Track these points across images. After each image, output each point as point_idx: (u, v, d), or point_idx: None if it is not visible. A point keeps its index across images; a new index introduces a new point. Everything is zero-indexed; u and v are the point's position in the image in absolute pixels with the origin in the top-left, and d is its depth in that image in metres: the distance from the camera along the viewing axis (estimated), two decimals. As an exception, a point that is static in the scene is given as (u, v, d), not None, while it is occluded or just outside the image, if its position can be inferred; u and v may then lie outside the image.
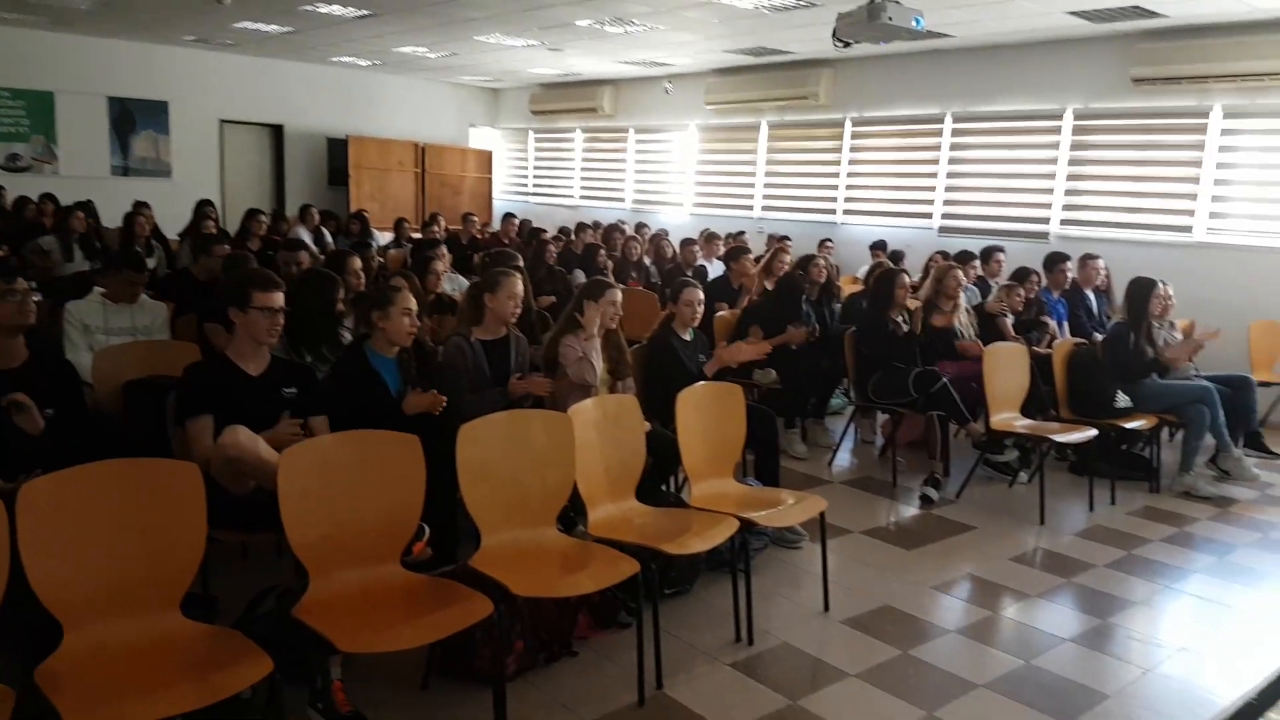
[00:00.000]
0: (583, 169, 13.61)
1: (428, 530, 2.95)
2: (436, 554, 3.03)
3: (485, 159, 14.63)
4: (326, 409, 3.29)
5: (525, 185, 14.64)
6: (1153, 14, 7.16)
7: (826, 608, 3.69)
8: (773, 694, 3.03)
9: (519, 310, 4.00)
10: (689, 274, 7.67)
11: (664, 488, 4.13)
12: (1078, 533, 4.78)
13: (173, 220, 9.05)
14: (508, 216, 10.44)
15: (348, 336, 4.03)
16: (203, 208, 8.47)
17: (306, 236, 8.59)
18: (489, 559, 2.89)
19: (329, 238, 9.15)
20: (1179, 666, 3.37)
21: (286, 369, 3.34)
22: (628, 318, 5.96)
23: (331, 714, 2.66)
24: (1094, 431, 5.10)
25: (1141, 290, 5.66)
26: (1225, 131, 7.53)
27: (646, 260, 8.34)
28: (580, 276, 7.20)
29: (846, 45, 5.14)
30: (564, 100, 13.26)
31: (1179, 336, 5.96)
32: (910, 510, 5.04)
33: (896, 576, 4.07)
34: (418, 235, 9.48)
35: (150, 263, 5.82)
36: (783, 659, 3.30)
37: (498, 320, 3.95)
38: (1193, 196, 7.71)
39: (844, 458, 6.03)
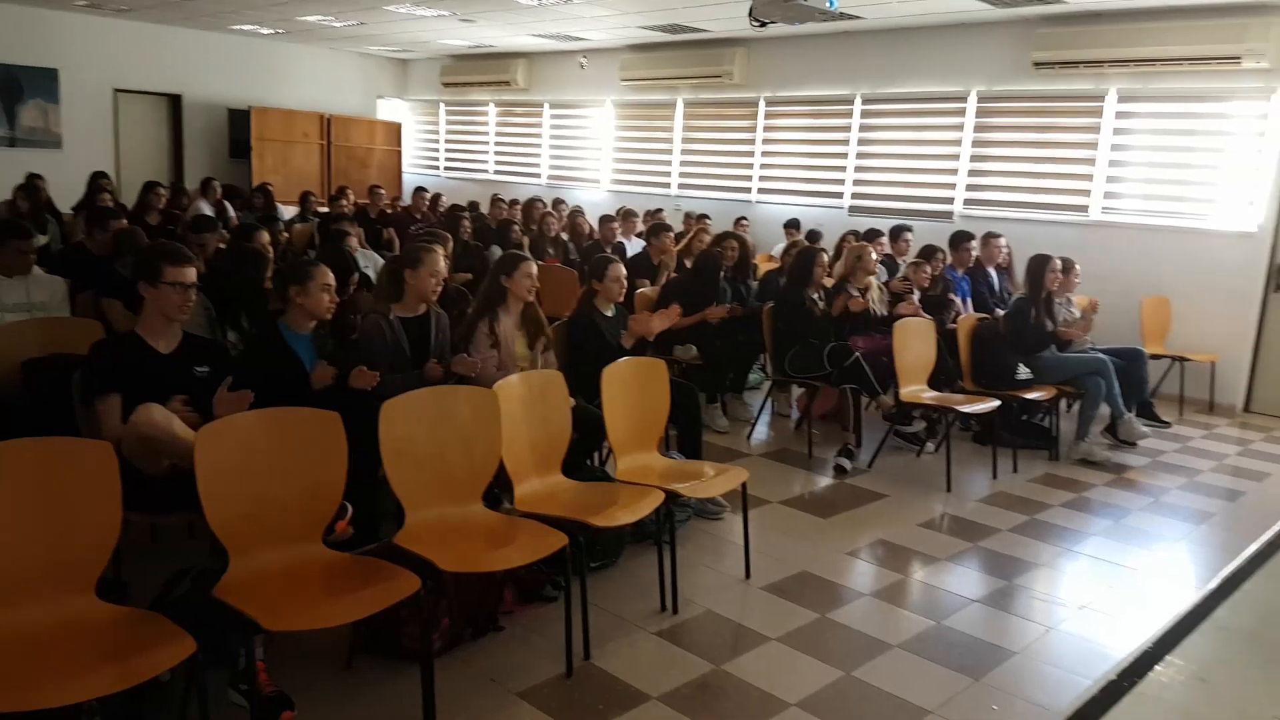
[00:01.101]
0: (497, 143, 13.43)
1: (350, 508, 2.90)
2: (359, 532, 2.99)
3: (394, 131, 14.29)
4: (240, 387, 3.19)
5: (436, 159, 14.37)
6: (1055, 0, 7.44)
7: (748, 575, 3.77)
8: (697, 660, 3.10)
9: (440, 287, 3.94)
10: (608, 251, 7.68)
11: (589, 462, 4.15)
12: (982, 499, 4.99)
13: (64, 193, 8.59)
14: (418, 190, 10.23)
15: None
16: (97, 180, 8.06)
17: (208, 211, 8.27)
18: (414, 536, 2.86)
19: (232, 212, 8.82)
20: (1079, 624, 3.56)
21: (199, 346, 3.23)
22: (546, 295, 5.95)
23: (254, 695, 2.61)
24: (997, 403, 5.32)
25: (1038, 267, 5.93)
26: (1120, 115, 7.87)
27: (564, 237, 8.30)
28: (497, 252, 7.13)
29: (762, 25, 5.19)
30: (476, 73, 13.04)
31: (1076, 313, 6.26)
32: (825, 480, 5.18)
33: (813, 544, 4.19)
34: (324, 209, 9.22)
35: (43, 239, 5.53)
36: (706, 626, 3.37)
37: (418, 297, 3.89)
38: (1089, 177, 8.05)
39: (762, 431, 6.15)
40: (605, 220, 8.07)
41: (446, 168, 14.20)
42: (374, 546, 2.93)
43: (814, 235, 8.43)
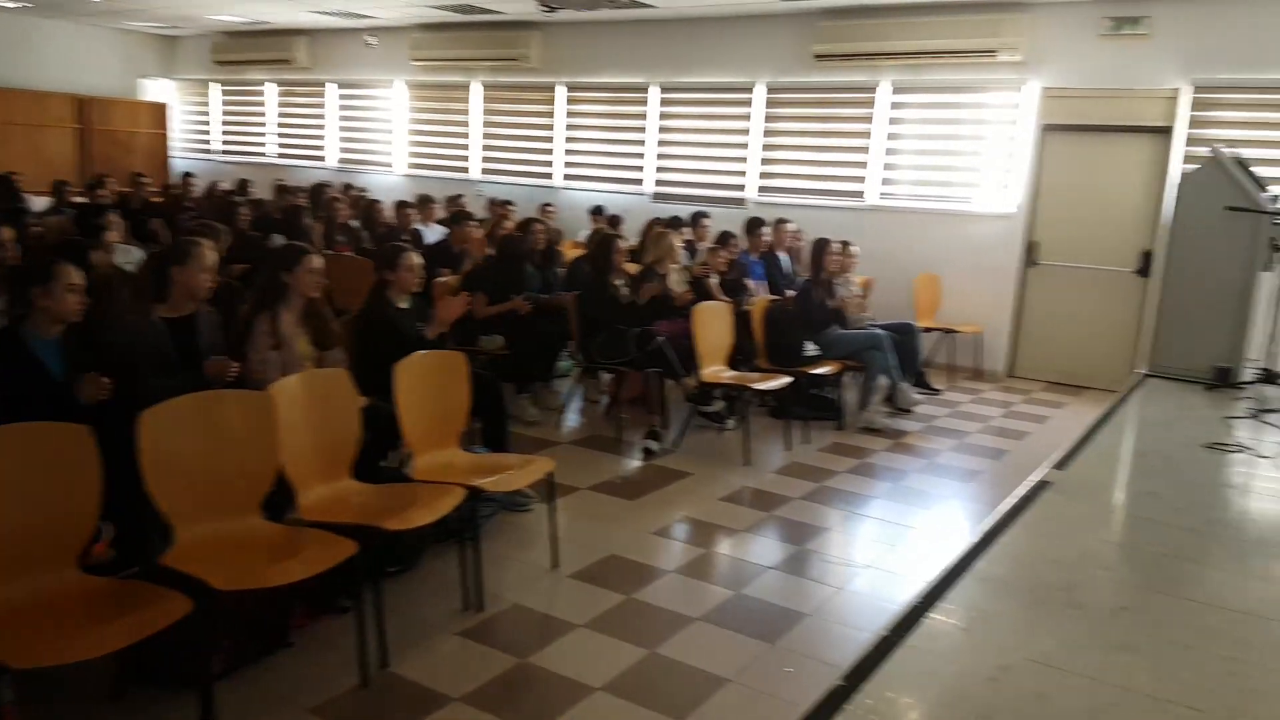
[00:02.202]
0: (279, 125, 12.67)
1: (108, 529, 2.64)
2: (123, 554, 2.73)
3: (160, 113, 13.17)
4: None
5: (209, 143, 13.39)
6: (836, -8, 7.84)
7: (556, 565, 3.76)
8: (502, 655, 3.05)
9: (212, 284, 3.65)
10: (405, 239, 7.42)
11: (385, 463, 3.98)
12: (777, 470, 5.22)
13: None
14: (186, 175, 9.48)
15: None
16: None
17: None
18: (184, 554, 2.64)
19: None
20: (866, 582, 3.79)
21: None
22: (338, 286, 5.64)
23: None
24: (789, 379, 5.57)
25: (819, 250, 6.28)
26: (893, 105, 8.42)
27: (355, 224, 7.92)
28: (280, 242, 6.71)
29: (551, 10, 5.16)
30: (253, 50, 12.23)
31: (856, 291, 6.65)
32: (634, 463, 5.24)
33: (621, 527, 4.23)
34: (82, 199, 8.37)
35: None
36: (513, 620, 3.33)
37: (187, 295, 3.57)
38: (864, 165, 8.57)
39: (573, 418, 6.15)
40: (401, 206, 7.78)
41: (223, 151, 13.26)
42: (138, 570, 2.68)
43: (614, 220, 8.51)
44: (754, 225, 7.40)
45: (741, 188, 9.20)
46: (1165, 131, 7.22)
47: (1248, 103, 6.95)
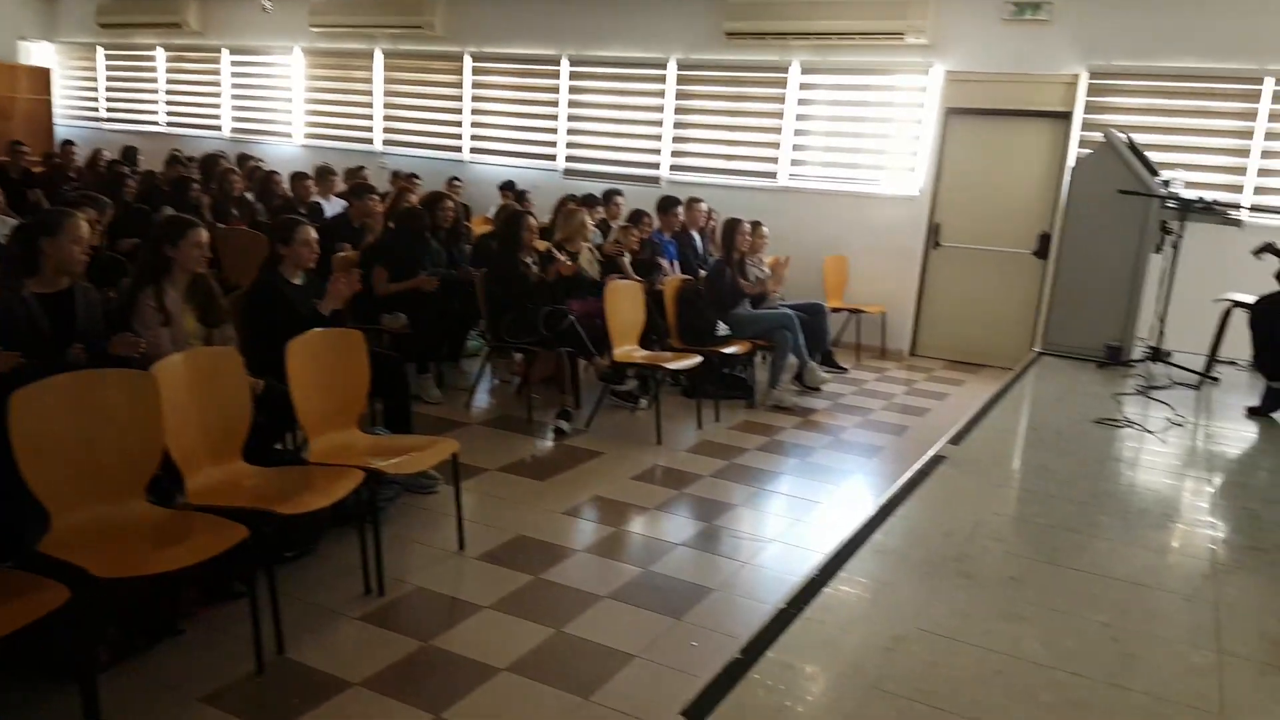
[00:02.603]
0: (168, 92, 12.07)
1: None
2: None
3: (41, 78, 12.40)
4: None
5: (96, 109, 12.69)
6: (740, -27, 7.83)
7: (461, 547, 3.69)
8: (404, 639, 2.98)
9: (86, 257, 3.43)
10: (303, 212, 7.17)
11: (281, 445, 3.85)
12: (689, 449, 5.24)
13: None
14: (66, 144, 8.96)
15: None
16: None
17: None
18: (62, 541, 2.50)
19: None
20: (771, 556, 3.84)
21: None
22: (231, 261, 5.43)
23: None
24: (700, 358, 5.60)
25: (729, 230, 6.31)
26: (803, 86, 8.49)
27: (250, 196, 7.61)
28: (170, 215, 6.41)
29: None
30: (139, 13, 11.59)
31: (768, 271, 6.71)
32: (545, 443, 5.19)
33: (530, 507, 4.19)
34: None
35: None
36: (416, 603, 3.26)
37: (58, 270, 3.36)
38: (777, 145, 8.64)
39: (483, 398, 6.06)
40: (298, 178, 7.49)
41: (109, 118, 12.58)
42: (11, 560, 2.53)
43: (521, 196, 8.38)
44: (667, 204, 7.38)
45: (656, 166, 9.16)
46: (1064, 116, 7.47)
47: (1142, 89, 7.23)
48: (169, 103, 12.10)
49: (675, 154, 9.10)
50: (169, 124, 12.07)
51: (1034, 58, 7.49)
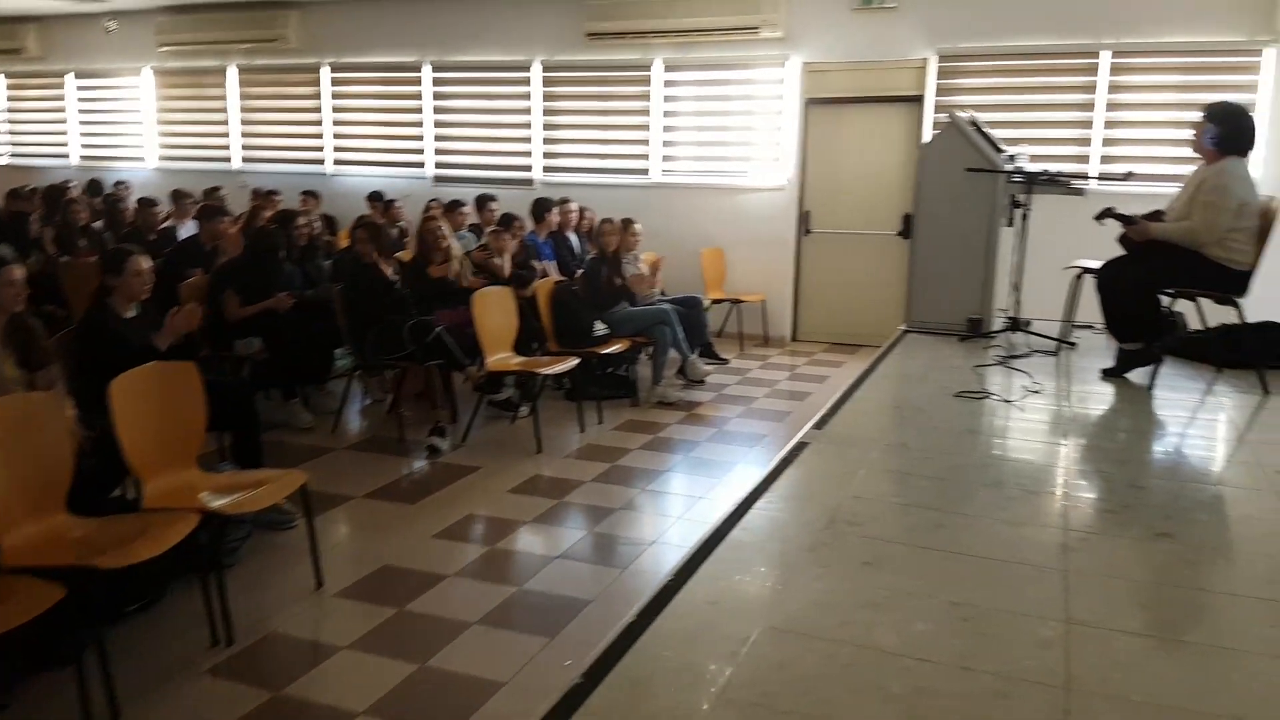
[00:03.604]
0: (9, 121, 11.32)
1: None
2: None
3: None
4: None
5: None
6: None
7: (320, 584, 3.50)
8: (253, 691, 2.79)
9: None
10: (153, 239, 6.79)
11: (121, 492, 3.57)
12: (571, 454, 5.14)
13: None
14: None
15: None
16: None
17: None
18: None
19: None
20: (652, 559, 3.77)
21: None
22: (79, 295, 5.07)
23: None
24: (576, 360, 5.49)
25: (604, 228, 6.24)
26: (667, 83, 8.48)
27: (98, 226, 7.16)
28: (6, 252, 5.95)
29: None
30: (-27, 39, 10.86)
31: (643, 268, 6.66)
32: (419, 463, 5.01)
33: (398, 534, 4.01)
34: None
35: None
36: (269, 650, 3.06)
37: None
38: (646, 142, 8.61)
39: (354, 420, 5.84)
40: (144, 205, 7.07)
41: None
42: None
43: (389, 205, 8.13)
44: (540, 206, 7.27)
45: (528, 168, 9.04)
46: (918, 100, 7.65)
47: (989, 69, 7.46)
48: (11, 133, 11.34)
49: (547, 155, 8.99)
50: (13, 155, 11.32)
51: (885, 45, 7.65)
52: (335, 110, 9.74)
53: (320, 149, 9.82)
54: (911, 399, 4.32)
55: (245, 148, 10.18)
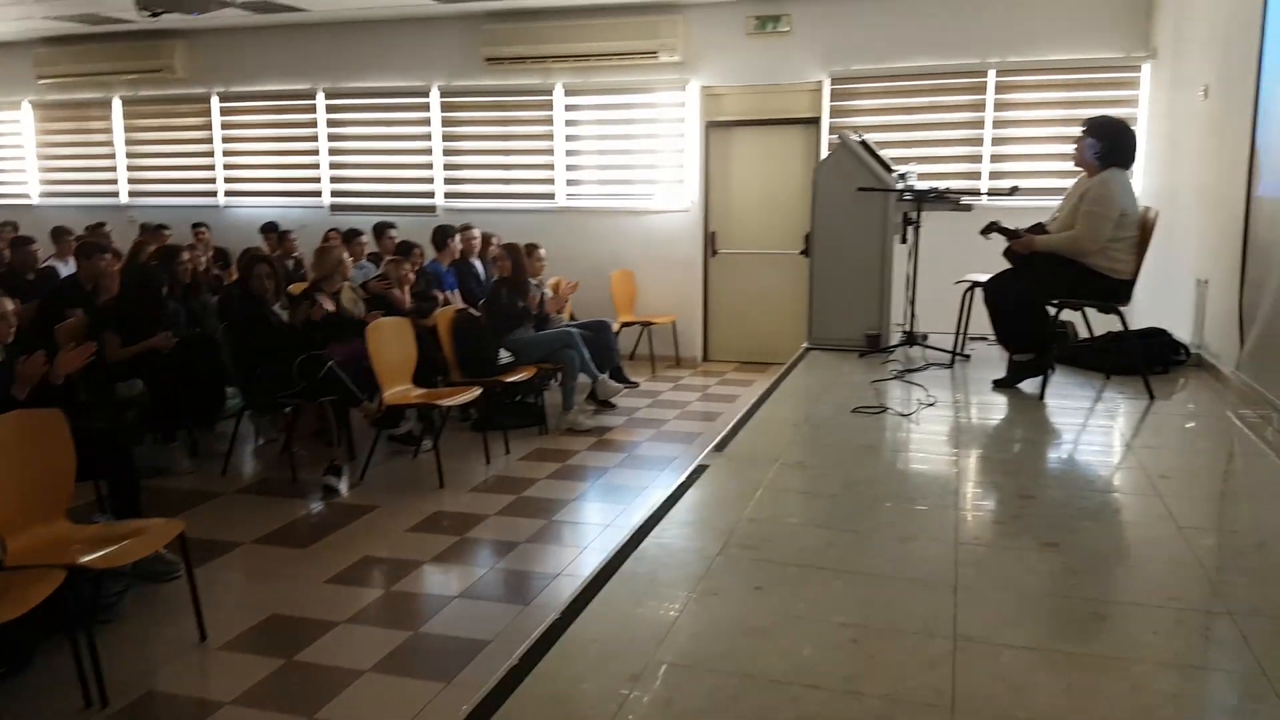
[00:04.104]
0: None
1: None
2: None
3: None
4: None
5: None
6: (493, -5, 7.72)
7: (203, 637, 3.31)
8: (123, 759, 2.60)
9: None
10: (30, 279, 6.44)
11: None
12: (475, 488, 5.02)
13: None
14: None
15: None
16: None
17: None
18: None
19: None
20: (555, 593, 3.67)
21: None
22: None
23: None
24: (479, 390, 5.38)
25: (509, 253, 6.17)
26: (569, 107, 8.47)
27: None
28: None
29: (155, 15, 4.61)
30: None
31: (549, 293, 6.59)
32: (314, 505, 4.82)
33: (288, 580, 3.84)
34: None
35: None
36: (146, 710, 2.87)
37: None
38: (551, 166, 8.58)
39: (245, 462, 5.61)
40: (19, 244, 6.70)
41: None
42: None
43: (283, 236, 7.90)
44: (441, 234, 7.14)
45: (431, 195, 8.91)
46: (814, 122, 7.80)
47: (881, 90, 7.66)
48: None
49: (449, 181, 8.88)
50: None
51: (780, 68, 7.80)
52: (226, 140, 9.46)
53: (212, 180, 9.51)
54: (811, 416, 4.34)
55: (133, 181, 9.80)
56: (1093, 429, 4.28)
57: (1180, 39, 6.19)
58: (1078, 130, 4.59)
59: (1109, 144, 4.43)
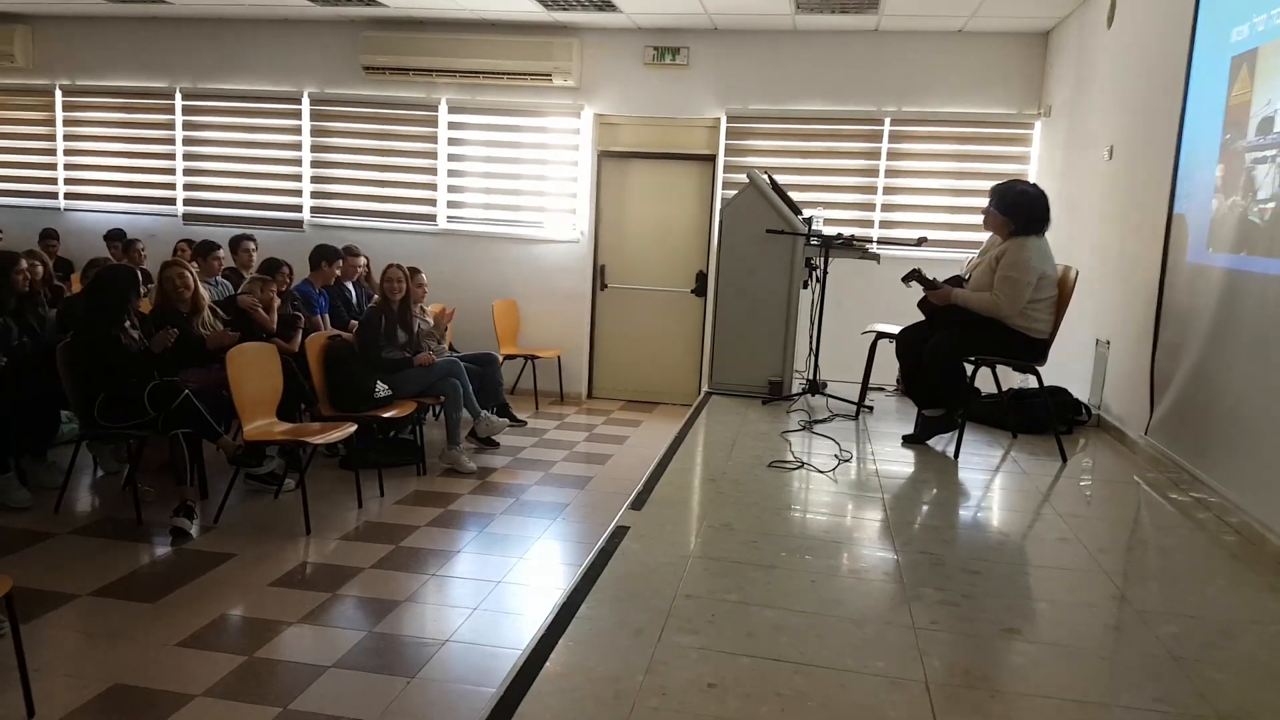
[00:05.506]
0: None
1: None
2: None
3: None
4: None
5: None
6: (376, 2, 7.26)
7: (31, 713, 2.74)
8: None
9: None
10: None
11: None
12: (346, 535, 4.54)
13: None
14: None
15: None
16: None
17: None
18: None
19: None
20: (442, 664, 3.27)
21: None
22: None
23: None
24: (353, 427, 4.91)
25: (383, 276, 5.76)
26: (453, 125, 8.08)
27: None
28: None
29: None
30: None
31: (430, 321, 6.16)
32: (161, 550, 4.23)
33: (133, 642, 3.28)
34: None
35: None
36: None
37: None
38: (434, 186, 8.14)
39: (82, 497, 4.92)
40: None
41: None
42: None
43: (129, 245, 7.14)
44: (321, 254, 6.50)
45: (298, 209, 8.29)
46: (710, 159, 7.71)
47: (777, 131, 7.63)
48: None
49: (317, 195, 8.29)
50: None
51: (677, 102, 7.68)
52: (69, 139, 8.55)
53: (53, 180, 8.57)
54: (727, 471, 4.09)
55: (-41, 178, 8.72)
56: (1010, 490, 4.17)
57: (1080, 98, 6.21)
58: (976, 184, 4.56)
59: (1019, 223, 4.37)
